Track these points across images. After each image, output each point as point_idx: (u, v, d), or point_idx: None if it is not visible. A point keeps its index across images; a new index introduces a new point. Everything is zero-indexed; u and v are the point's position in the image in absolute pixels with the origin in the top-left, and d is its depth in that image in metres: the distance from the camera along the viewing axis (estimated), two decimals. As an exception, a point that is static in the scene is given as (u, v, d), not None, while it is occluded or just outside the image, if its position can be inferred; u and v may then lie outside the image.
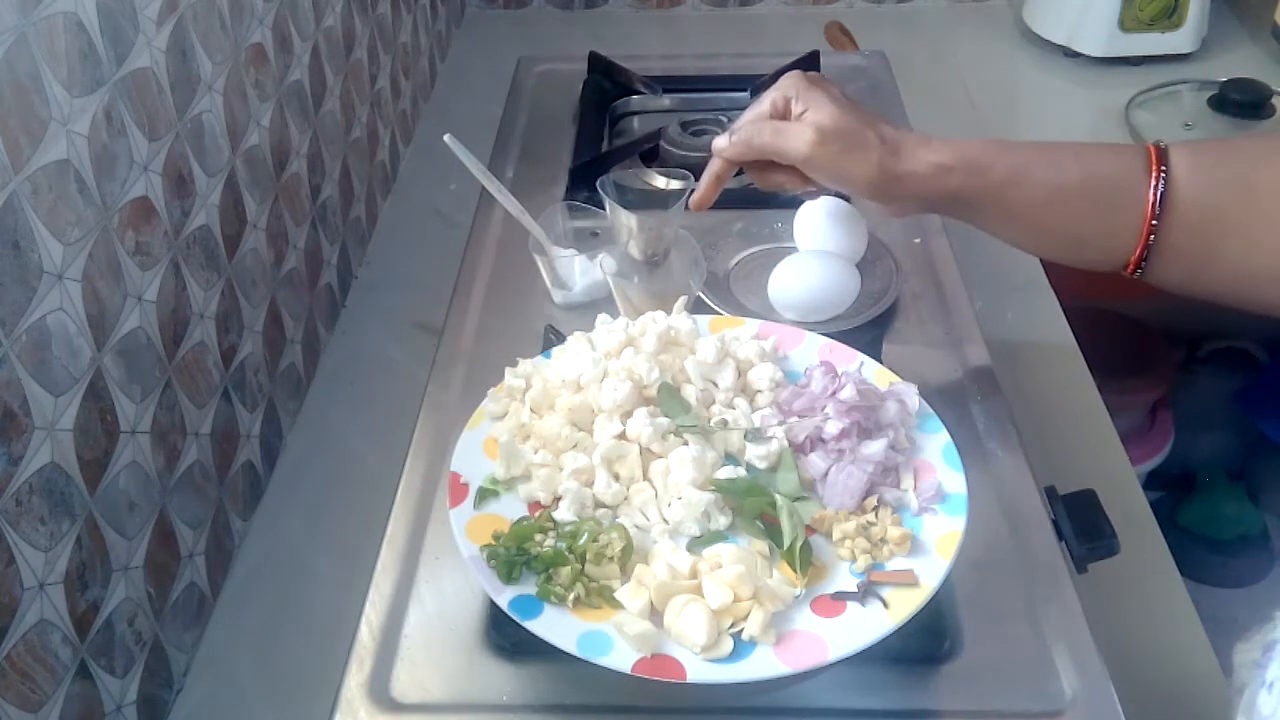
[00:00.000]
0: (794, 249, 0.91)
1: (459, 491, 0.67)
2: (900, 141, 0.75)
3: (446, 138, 0.88)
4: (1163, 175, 0.69)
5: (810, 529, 0.65)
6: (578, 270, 0.90)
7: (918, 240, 0.95)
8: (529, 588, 0.61)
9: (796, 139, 0.75)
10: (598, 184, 0.92)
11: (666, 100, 1.21)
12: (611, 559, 0.62)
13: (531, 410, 0.71)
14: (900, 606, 0.60)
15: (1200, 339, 1.81)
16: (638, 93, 1.21)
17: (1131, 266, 0.72)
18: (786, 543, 0.62)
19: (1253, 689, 0.58)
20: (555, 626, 0.59)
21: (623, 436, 0.68)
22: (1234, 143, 0.71)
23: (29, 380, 0.65)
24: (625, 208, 0.91)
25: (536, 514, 0.66)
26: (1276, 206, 0.67)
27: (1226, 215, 0.69)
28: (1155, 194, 0.69)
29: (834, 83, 0.79)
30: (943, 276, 0.92)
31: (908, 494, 0.67)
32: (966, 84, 1.54)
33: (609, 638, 0.59)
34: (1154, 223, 0.70)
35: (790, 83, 0.78)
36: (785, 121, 0.77)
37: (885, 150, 0.74)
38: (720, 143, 0.80)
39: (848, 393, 0.69)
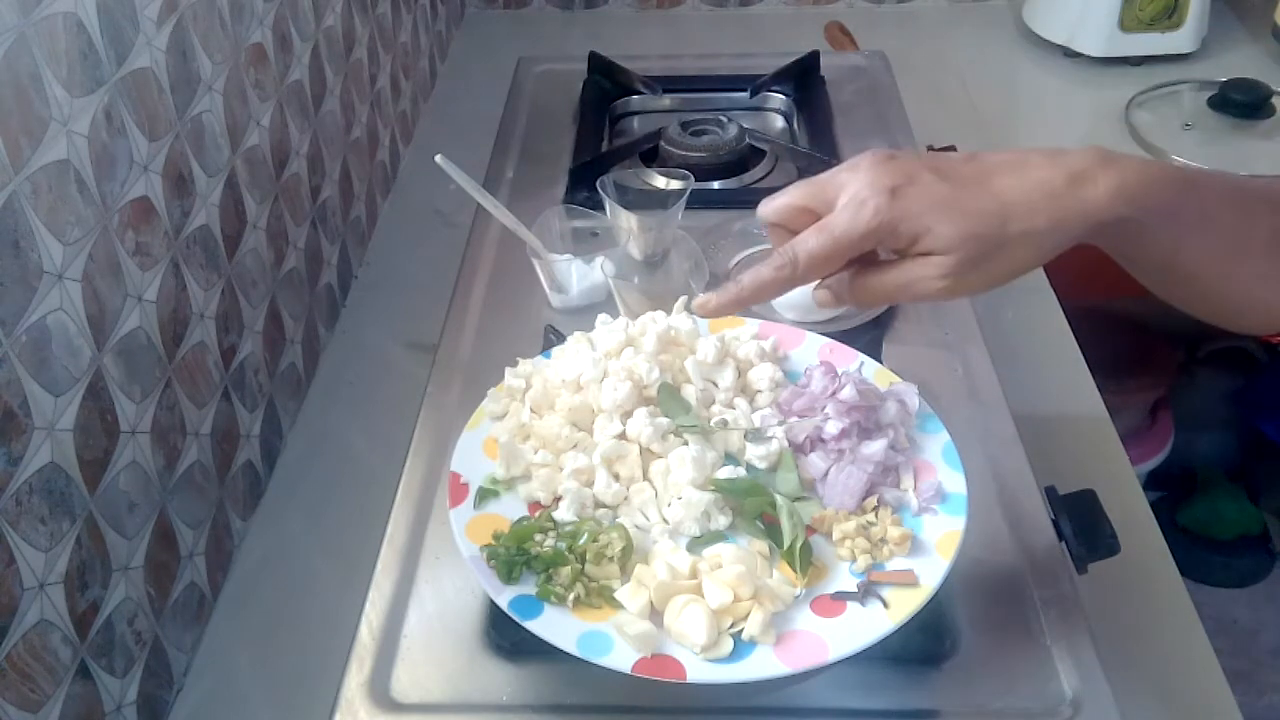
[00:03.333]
0: (794, 249, 0.91)
1: (459, 491, 0.67)
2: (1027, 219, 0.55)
3: (438, 158, 0.88)
4: None
5: (810, 529, 0.65)
6: (574, 275, 0.90)
7: (918, 240, 0.95)
8: (529, 588, 0.61)
9: (925, 286, 0.57)
10: (598, 184, 0.92)
11: (666, 100, 1.21)
12: (611, 559, 0.62)
13: (531, 410, 0.71)
14: (900, 606, 0.60)
15: (1200, 339, 1.81)
16: (638, 93, 1.21)
17: None
18: (786, 543, 0.62)
19: None
20: (555, 626, 0.59)
21: (623, 436, 0.68)
22: None
23: (29, 380, 0.65)
24: (625, 208, 0.91)
25: (536, 514, 0.66)
26: None
27: None
28: None
29: (913, 154, 0.62)
30: (943, 276, 0.91)
31: (908, 494, 0.67)
32: (966, 84, 1.54)
33: (609, 638, 0.59)
34: None
35: (866, 182, 0.56)
36: (893, 264, 0.58)
37: (1026, 242, 0.57)
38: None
39: (848, 393, 0.69)
